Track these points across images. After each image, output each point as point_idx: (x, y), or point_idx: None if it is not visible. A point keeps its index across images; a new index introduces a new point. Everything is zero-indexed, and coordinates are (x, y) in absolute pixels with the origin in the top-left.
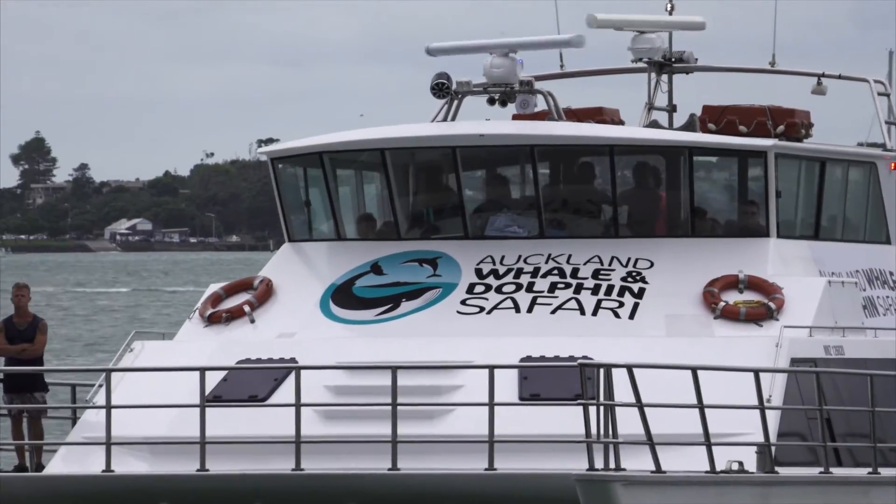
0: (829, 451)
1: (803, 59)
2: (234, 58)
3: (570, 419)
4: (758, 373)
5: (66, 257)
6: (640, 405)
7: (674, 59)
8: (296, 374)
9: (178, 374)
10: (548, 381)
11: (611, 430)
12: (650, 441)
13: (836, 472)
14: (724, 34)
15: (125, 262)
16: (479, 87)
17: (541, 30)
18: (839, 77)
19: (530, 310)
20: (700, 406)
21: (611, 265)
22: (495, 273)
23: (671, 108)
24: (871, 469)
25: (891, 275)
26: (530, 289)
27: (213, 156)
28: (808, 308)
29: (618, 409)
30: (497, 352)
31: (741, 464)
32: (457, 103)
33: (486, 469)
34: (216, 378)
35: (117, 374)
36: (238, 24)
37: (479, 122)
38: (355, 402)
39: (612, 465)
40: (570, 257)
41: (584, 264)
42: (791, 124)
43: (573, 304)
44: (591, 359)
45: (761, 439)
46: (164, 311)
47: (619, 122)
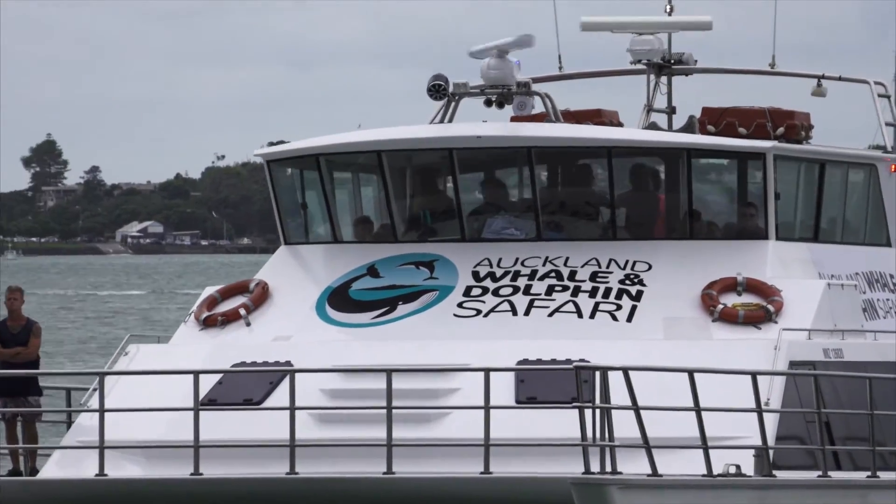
0: (827, 454)
1: (810, 61)
2: (235, 59)
3: (566, 422)
4: (755, 376)
5: (77, 260)
6: (636, 408)
7: (673, 61)
8: (290, 378)
9: (173, 377)
10: (544, 385)
11: (607, 434)
12: (646, 444)
13: (835, 475)
14: (724, 35)
15: (136, 264)
16: (476, 89)
17: (541, 30)
18: (839, 79)
19: (527, 312)
20: (697, 409)
21: (608, 267)
22: (492, 276)
23: (670, 110)
24: (869, 473)
25: (891, 277)
26: (527, 291)
27: (223, 158)
28: (807, 311)
29: (614, 413)
30: (493, 355)
31: (738, 467)
32: (454, 105)
33: (481, 473)
34: (211, 381)
35: (111, 378)
36: (238, 25)
37: (476, 123)
38: (351, 406)
39: (608, 468)
40: (567, 260)
41: (582, 267)
42: (791, 126)
43: (570, 306)
44: (587, 362)
45: (759, 443)
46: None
47: (617, 124)
